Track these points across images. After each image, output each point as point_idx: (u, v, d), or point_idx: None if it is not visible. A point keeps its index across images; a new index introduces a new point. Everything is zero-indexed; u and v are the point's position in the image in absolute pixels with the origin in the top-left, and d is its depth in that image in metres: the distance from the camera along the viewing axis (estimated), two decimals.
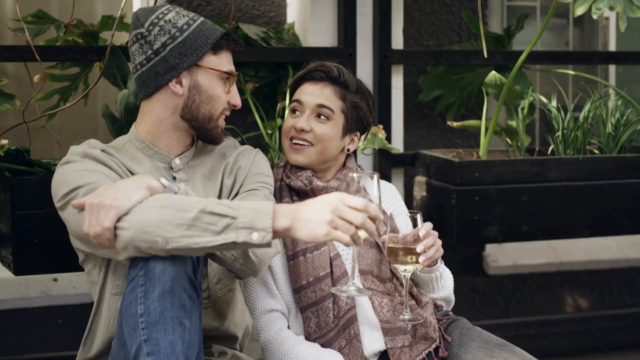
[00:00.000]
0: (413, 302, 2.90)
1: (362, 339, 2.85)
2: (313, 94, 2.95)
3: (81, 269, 2.86)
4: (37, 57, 3.19)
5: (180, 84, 2.71)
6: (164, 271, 2.36)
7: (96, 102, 3.48)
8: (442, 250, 2.79)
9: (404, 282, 2.70)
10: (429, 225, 2.74)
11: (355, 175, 2.45)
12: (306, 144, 2.92)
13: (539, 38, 3.45)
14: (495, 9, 4.96)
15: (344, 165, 3.02)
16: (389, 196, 3.09)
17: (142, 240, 2.36)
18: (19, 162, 3.05)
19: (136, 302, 2.36)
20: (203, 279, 2.51)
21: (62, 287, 4.08)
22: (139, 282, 2.37)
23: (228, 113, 2.79)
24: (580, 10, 3.10)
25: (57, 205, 2.60)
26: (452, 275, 3.05)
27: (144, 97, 2.76)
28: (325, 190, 2.92)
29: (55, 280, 4.09)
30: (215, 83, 2.73)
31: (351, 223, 2.33)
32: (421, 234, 2.70)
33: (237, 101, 2.79)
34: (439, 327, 2.94)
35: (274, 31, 3.80)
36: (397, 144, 3.87)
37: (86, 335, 2.75)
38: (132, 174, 2.69)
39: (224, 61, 2.74)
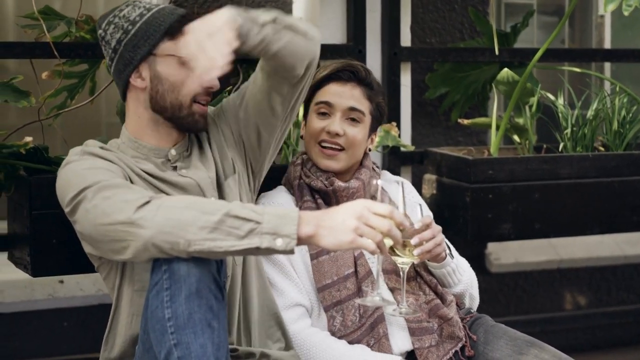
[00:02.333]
0: (438, 300, 2.87)
1: (391, 341, 2.82)
2: (343, 95, 2.90)
3: (94, 270, 2.82)
4: (55, 53, 3.13)
5: (141, 77, 2.65)
6: (189, 273, 2.31)
7: (99, 99, 3.43)
8: (443, 246, 2.75)
9: (401, 274, 2.61)
10: (427, 218, 2.68)
11: (379, 182, 2.41)
12: (338, 147, 2.88)
13: (555, 36, 3.45)
14: (493, 7, 4.95)
15: (361, 163, 2.98)
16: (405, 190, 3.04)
17: (163, 241, 2.31)
18: (36, 161, 2.99)
19: (162, 306, 2.31)
20: (226, 278, 2.46)
21: (69, 289, 4.03)
22: (164, 286, 2.32)
23: (205, 98, 2.68)
24: (611, 7, 3.09)
25: (66, 210, 2.54)
26: (472, 271, 3.01)
27: (122, 98, 2.74)
28: (346, 190, 2.89)
29: (62, 282, 4.03)
30: (175, 69, 2.63)
31: (376, 230, 2.30)
32: (417, 226, 2.63)
33: (211, 82, 2.66)
34: (463, 326, 2.91)
35: None
36: (406, 142, 3.85)
37: (107, 335, 2.70)
38: (141, 169, 2.65)
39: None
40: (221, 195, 2.76)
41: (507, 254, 4.76)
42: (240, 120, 2.83)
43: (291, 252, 2.31)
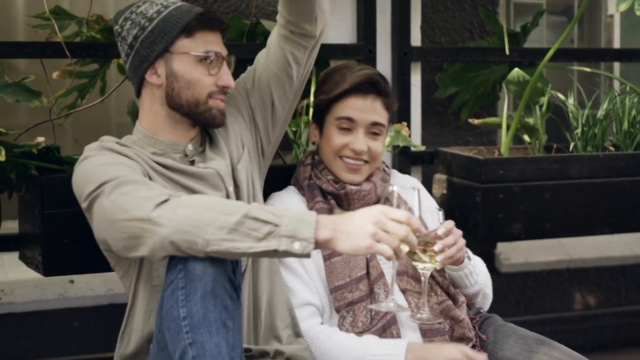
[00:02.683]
0: (450, 302, 2.86)
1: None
2: (365, 110, 2.88)
3: (108, 270, 2.81)
4: (67, 53, 3.12)
5: (157, 74, 2.67)
6: (205, 272, 2.31)
7: (109, 99, 3.43)
8: (465, 250, 2.75)
9: (422, 279, 2.63)
10: (449, 223, 2.68)
11: (395, 188, 2.41)
12: (361, 162, 2.88)
13: (566, 35, 3.44)
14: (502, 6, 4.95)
15: None
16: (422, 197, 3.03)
17: (181, 240, 2.30)
18: (48, 160, 2.99)
19: (178, 305, 2.31)
20: (241, 278, 2.46)
21: (79, 288, 4.03)
22: (179, 285, 2.32)
23: (221, 96, 2.70)
24: (623, 7, 3.08)
25: (83, 205, 2.55)
26: (487, 270, 3.00)
27: (136, 94, 2.75)
28: (358, 193, 2.89)
29: (72, 282, 4.03)
30: (192, 67, 2.65)
31: (393, 236, 2.30)
32: (440, 232, 2.63)
33: (225, 82, 2.69)
34: (473, 326, 2.90)
35: None
36: (416, 142, 3.84)
37: (122, 331, 2.70)
38: (159, 164, 2.66)
39: (199, 43, 2.65)
40: (235, 181, 2.77)
41: (517, 253, 4.76)
42: (254, 100, 2.87)
43: (307, 255, 2.31)
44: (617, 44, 5.10)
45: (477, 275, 2.91)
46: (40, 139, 2.90)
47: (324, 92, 2.89)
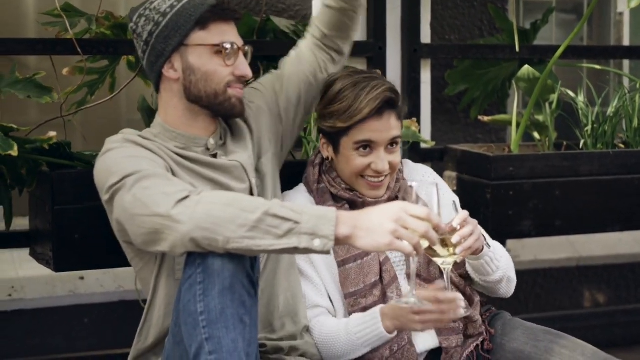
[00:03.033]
0: (466, 302, 2.85)
1: (416, 339, 2.81)
2: (383, 130, 2.82)
3: (119, 265, 2.82)
4: (78, 49, 3.13)
5: (174, 68, 2.67)
6: (223, 267, 2.30)
7: (119, 96, 3.43)
8: (482, 239, 2.70)
9: (444, 275, 2.60)
10: (464, 214, 2.63)
11: (414, 184, 2.39)
12: (384, 178, 2.86)
13: (577, 32, 3.44)
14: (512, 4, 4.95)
15: None
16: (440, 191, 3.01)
17: (201, 237, 2.30)
18: (59, 156, 2.99)
19: (195, 300, 2.30)
20: (259, 273, 2.46)
21: (89, 285, 4.04)
22: (197, 280, 2.31)
23: (239, 85, 2.70)
24: (634, 3, 3.09)
25: (104, 197, 2.54)
26: (507, 253, 2.94)
27: (155, 90, 2.75)
28: (375, 204, 2.83)
29: (82, 278, 4.04)
30: (208, 59, 2.65)
31: (414, 232, 2.29)
32: (455, 223, 2.58)
33: (242, 72, 2.69)
34: (483, 321, 2.90)
35: (303, 24, 3.75)
36: (426, 138, 3.84)
37: (141, 326, 2.69)
38: (182, 157, 2.66)
39: (213, 34, 2.65)
40: (259, 174, 2.79)
41: (526, 251, 4.76)
42: (282, 101, 2.90)
43: (327, 252, 2.30)
44: (626, 42, 5.09)
45: (497, 260, 2.84)
46: (52, 134, 2.90)
47: (337, 115, 2.82)
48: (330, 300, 2.84)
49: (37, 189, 3.03)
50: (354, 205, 2.88)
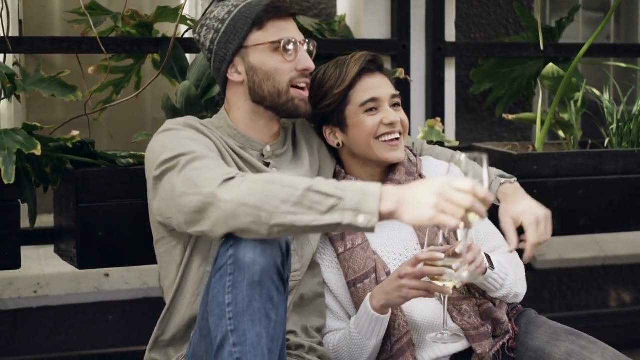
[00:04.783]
0: (490, 304, 2.84)
1: (438, 345, 2.81)
2: (382, 86, 2.87)
3: (142, 263, 2.83)
4: (103, 48, 3.15)
5: (237, 71, 2.72)
6: (254, 261, 2.30)
7: (144, 95, 3.45)
8: (484, 267, 2.68)
9: (442, 300, 2.63)
10: (469, 242, 2.57)
11: (462, 157, 2.38)
12: (398, 135, 2.85)
13: (601, 30, 3.43)
14: (539, 2, 4.93)
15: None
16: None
17: (245, 213, 2.30)
18: (83, 154, 3.02)
19: (224, 291, 2.31)
20: (290, 271, 2.45)
21: (114, 282, 4.06)
22: (227, 271, 2.32)
23: (303, 80, 2.73)
24: None
25: (155, 173, 2.55)
26: (518, 266, 2.92)
27: (222, 94, 2.81)
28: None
29: (107, 275, 4.06)
30: (268, 57, 2.70)
31: (458, 206, 2.25)
32: (458, 250, 2.55)
33: (304, 64, 2.72)
34: (509, 319, 2.90)
35: (326, 23, 3.77)
36: (450, 137, 3.83)
37: (164, 314, 2.70)
38: (237, 155, 2.70)
39: (271, 32, 2.70)
40: None
41: (551, 250, 4.74)
42: None
43: (371, 230, 2.29)
44: None
45: (502, 279, 2.82)
46: (75, 133, 2.92)
47: (333, 85, 2.85)
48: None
49: (61, 186, 3.06)
50: None
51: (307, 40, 2.76)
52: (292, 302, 2.75)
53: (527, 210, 2.85)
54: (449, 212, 2.24)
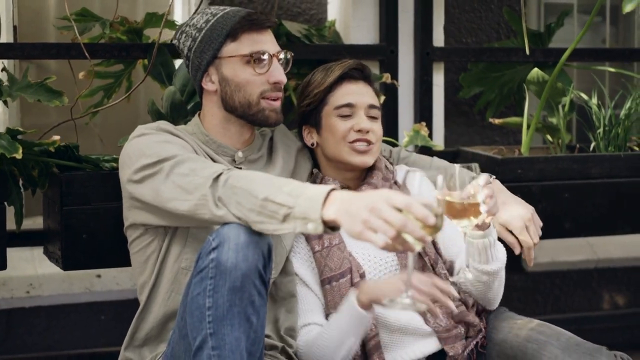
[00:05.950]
0: (464, 307, 2.87)
1: (412, 347, 2.84)
2: (360, 93, 2.91)
3: (126, 264, 2.86)
4: (87, 54, 3.22)
5: (211, 80, 2.76)
6: (236, 266, 2.33)
7: (137, 99, 3.51)
8: (498, 207, 2.64)
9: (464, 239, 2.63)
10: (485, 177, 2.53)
11: (417, 174, 2.34)
12: (368, 143, 2.87)
13: (583, 35, 3.45)
14: (532, 7, 4.95)
15: (372, 166, 2.96)
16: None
17: (234, 217, 2.37)
18: (67, 158, 3.08)
19: (205, 294, 2.35)
20: (271, 274, 2.49)
21: (106, 283, 4.10)
22: (209, 274, 2.35)
23: (274, 94, 2.76)
24: (629, 7, 3.10)
25: (134, 177, 2.59)
26: (504, 250, 2.89)
27: (200, 100, 2.85)
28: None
29: (99, 276, 4.11)
30: (240, 69, 2.73)
31: (390, 225, 2.16)
32: (478, 183, 2.47)
33: (276, 78, 2.75)
34: (480, 319, 2.93)
35: (316, 28, 3.80)
36: (438, 141, 3.87)
37: (141, 310, 2.76)
38: (210, 158, 2.74)
39: (244, 45, 2.73)
40: None
41: (543, 253, 4.76)
42: None
43: (328, 233, 2.28)
44: None
45: (497, 251, 2.81)
46: (56, 138, 2.98)
47: (316, 86, 2.91)
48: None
49: (48, 190, 3.12)
50: None
51: (283, 51, 2.80)
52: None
53: (513, 217, 2.89)
54: (379, 230, 2.17)
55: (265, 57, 2.74)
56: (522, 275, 4.68)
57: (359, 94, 2.91)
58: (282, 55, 2.80)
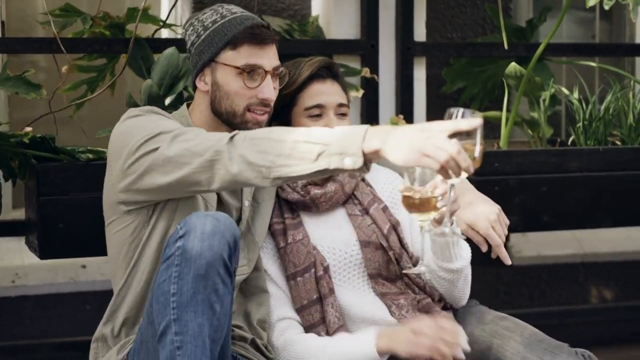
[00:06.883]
0: (429, 299, 2.89)
1: None
2: (329, 93, 2.90)
3: (102, 254, 2.90)
4: (63, 49, 3.28)
5: (204, 81, 2.77)
6: (201, 254, 2.37)
7: (122, 93, 3.56)
8: (459, 204, 2.69)
9: (420, 233, 2.61)
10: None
11: (454, 110, 2.39)
12: None
13: (556, 30, 3.49)
14: (522, 2, 4.98)
15: None
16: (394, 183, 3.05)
17: (248, 171, 2.40)
18: (44, 150, 3.13)
19: (170, 281, 2.39)
20: (237, 264, 2.52)
21: (91, 273, 4.16)
22: (175, 262, 2.39)
23: (261, 108, 2.76)
24: (592, 1, 3.13)
25: (130, 159, 2.57)
26: (469, 249, 2.93)
27: (193, 92, 2.87)
28: (323, 196, 2.91)
29: (84, 267, 4.17)
30: (232, 79, 2.73)
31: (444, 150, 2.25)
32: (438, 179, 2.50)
33: (265, 95, 2.74)
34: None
35: (298, 24, 3.85)
36: None
37: (120, 287, 2.78)
38: None
39: (242, 55, 2.72)
40: (255, 198, 2.88)
41: (529, 246, 4.78)
42: None
43: (364, 170, 2.33)
44: (639, 39, 5.08)
45: (461, 249, 2.86)
46: (28, 129, 3.04)
47: (284, 87, 2.88)
48: None
49: (28, 181, 3.17)
50: (308, 207, 2.91)
51: (281, 68, 2.78)
52: (237, 296, 2.82)
53: (478, 217, 2.88)
54: (432, 156, 2.25)
55: (258, 72, 2.73)
56: (508, 269, 4.70)
57: (328, 94, 2.90)
58: (279, 72, 2.79)
